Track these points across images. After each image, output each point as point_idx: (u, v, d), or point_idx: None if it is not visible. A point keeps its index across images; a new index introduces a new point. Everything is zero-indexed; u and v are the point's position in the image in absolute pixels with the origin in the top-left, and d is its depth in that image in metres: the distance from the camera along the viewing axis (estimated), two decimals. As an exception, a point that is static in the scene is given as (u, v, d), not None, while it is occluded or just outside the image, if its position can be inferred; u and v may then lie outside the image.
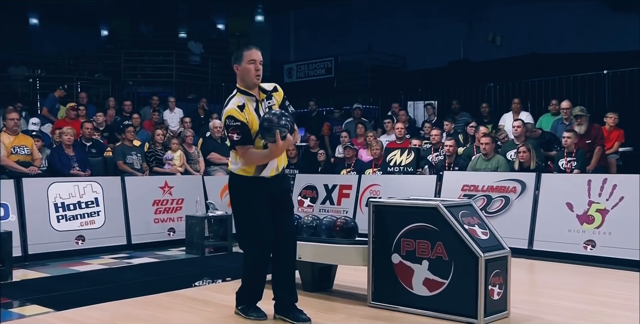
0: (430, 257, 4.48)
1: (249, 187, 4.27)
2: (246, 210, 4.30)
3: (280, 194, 4.38)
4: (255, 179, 4.25)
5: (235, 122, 4.14)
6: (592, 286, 5.94)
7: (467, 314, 4.31)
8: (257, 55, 4.25)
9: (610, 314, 4.68)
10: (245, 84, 4.27)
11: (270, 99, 4.33)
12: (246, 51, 4.27)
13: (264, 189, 4.26)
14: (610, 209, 6.94)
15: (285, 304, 4.37)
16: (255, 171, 4.24)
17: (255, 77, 4.24)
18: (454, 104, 11.51)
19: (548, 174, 7.88)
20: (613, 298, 5.27)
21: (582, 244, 7.03)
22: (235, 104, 4.20)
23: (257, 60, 4.24)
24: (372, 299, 4.79)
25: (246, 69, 4.23)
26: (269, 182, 4.27)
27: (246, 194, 4.29)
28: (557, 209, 7.28)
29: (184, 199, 8.73)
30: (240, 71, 4.27)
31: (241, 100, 4.22)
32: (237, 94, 4.28)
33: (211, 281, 5.94)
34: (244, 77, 4.26)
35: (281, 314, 4.36)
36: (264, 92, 4.33)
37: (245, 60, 4.23)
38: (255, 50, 4.27)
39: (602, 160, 8.34)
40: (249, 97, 4.25)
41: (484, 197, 7.82)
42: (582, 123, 8.53)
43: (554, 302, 5.09)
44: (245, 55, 4.23)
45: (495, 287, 4.38)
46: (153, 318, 4.56)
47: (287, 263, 4.40)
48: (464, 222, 4.47)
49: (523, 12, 13.58)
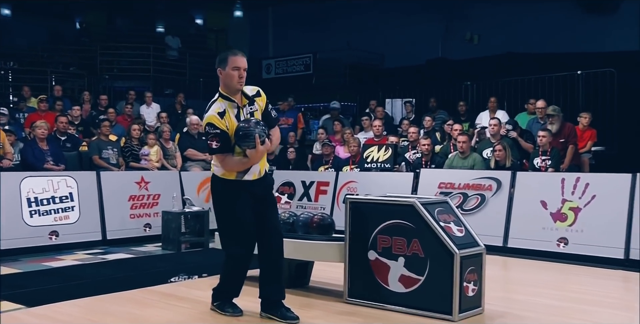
0: (406, 254, 4.50)
1: (232, 189, 4.24)
2: (228, 212, 4.27)
3: (262, 193, 4.35)
4: (237, 182, 4.23)
5: (215, 129, 4.10)
6: (565, 283, 6.00)
7: (442, 311, 4.34)
8: (242, 62, 4.18)
9: (583, 310, 4.74)
10: (228, 90, 4.22)
11: (252, 105, 4.27)
12: (231, 56, 4.19)
13: (246, 191, 4.24)
14: (583, 208, 7.04)
15: (272, 301, 4.34)
16: (237, 175, 4.22)
17: (237, 84, 4.18)
18: (432, 102, 11.56)
19: (523, 172, 7.96)
20: (585, 294, 5.35)
21: (556, 241, 7.12)
22: (216, 110, 4.14)
23: (242, 67, 4.16)
24: (348, 296, 4.79)
25: (230, 75, 4.16)
26: (252, 184, 4.26)
27: (229, 197, 4.26)
28: (531, 207, 7.36)
29: (161, 195, 8.67)
30: (223, 76, 4.21)
31: (222, 106, 4.17)
32: (219, 99, 4.22)
33: (187, 277, 5.90)
34: (227, 82, 4.20)
35: (268, 312, 4.34)
36: (246, 98, 4.26)
37: (229, 66, 4.16)
38: (241, 57, 4.20)
39: (575, 159, 8.45)
40: (231, 103, 4.20)
41: (460, 195, 7.87)
42: (554, 122, 8.63)
43: (527, 298, 5.14)
44: (230, 60, 4.16)
45: (470, 284, 4.41)
46: (127, 314, 4.52)
47: (274, 259, 4.36)
48: (440, 220, 4.49)
49: (500, 12, 13.68)
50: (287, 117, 11.82)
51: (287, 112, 11.97)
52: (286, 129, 11.10)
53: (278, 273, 4.38)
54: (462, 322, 4.31)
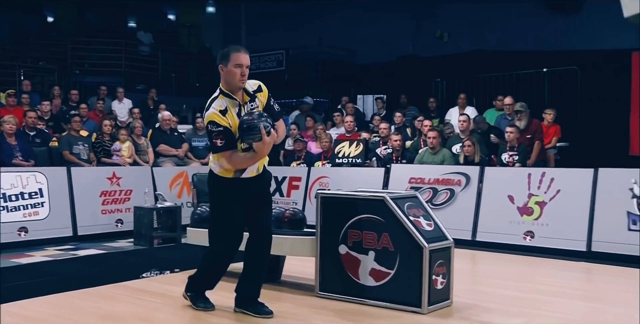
0: (377, 248, 4.52)
1: (229, 188, 4.17)
2: (222, 209, 4.21)
3: (260, 191, 4.29)
4: (235, 180, 4.15)
5: (218, 127, 3.98)
6: (531, 275, 6.09)
7: (412, 304, 4.37)
8: (245, 59, 4.04)
9: (546, 301, 4.81)
10: (229, 87, 4.08)
11: (253, 101, 4.14)
12: (234, 53, 4.04)
13: (243, 189, 4.17)
14: (548, 202, 7.15)
15: (248, 298, 4.31)
16: (235, 173, 4.13)
17: (239, 82, 4.05)
18: (402, 98, 11.62)
19: (491, 167, 8.04)
20: (550, 286, 5.42)
21: (522, 235, 7.22)
22: (217, 108, 4.02)
23: (244, 64, 4.02)
24: (319, 290, 4.81)
25: (232, 72, 4.02)
26: (250, 181, 4.19)
27: (225, 195, 4.18)
28: (499, 201, 7.45)
29: (133, 190, 8.59)
30: (225, 73, 4.07)
31: (223, 104, 4.05)
32: (220, 96, 4.09)
33: (159, 273, 5.85)
34: (229, 80, 4.06)
35: (242, 307, 4.31)
36: (248, 95, 4.14)
37: (231, 63, 4.01)
38: (244, 54, 4.05)
39: (541, 154, 8.57)
40: (232, 101, 4.07)
41: (430, 190, 7.93)
42: (522, 118, 8.74)
43: (494, 290, 5.20)
44: (233, 57, 4.02)
45: (439, 277, 4.45)
46: (98, 310, 4.47)
47: (260, 260, 4.32)
48: (410, 214, 4.52)
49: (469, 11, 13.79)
50: None
51: None
52: None
53: (261, 273, 4.35)
54: (431, 314, 4.34)
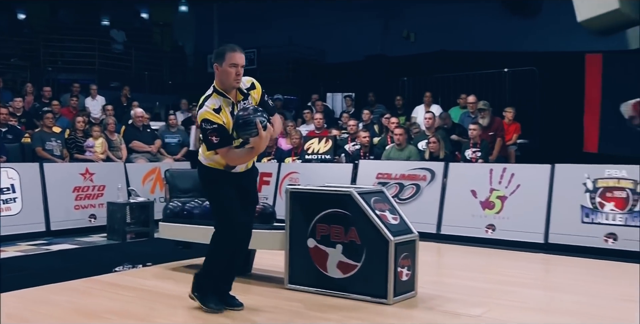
0: (344, 241, 4.54)
1: (223, 178, 4.10)
2: (222, 198, 4.10)
3: (248, 185, 4.23)
4: (225, 172, 4.09)
5: (212, 125, 3.89)
6: (492, 266, 6.17)
7: (378, 295, 4.40)
8: (241, 59, 3.96)
9: (507, 291, 4.87)
10: (223, 86, 3.99)
11: (246, 100, 4.07)
12: (229, 52, 3.94)
13: (233, 182, 4.11)
14: (509, 196, 7.25)
15: (221, 291, 4.25)
16: (226, 166, 4.07)
17: (234, 82, 3.96)
18: (370, 96, 11.66)
19: (455, 163, 8.12)
20: (510, 277, 5.51)
21: (484, 228, 7.31)
22: (211, 107, 3.93)
23: (240, 64, 3.94)
24: (288, 282, 4.81)
25: (226, 71, 3.94)
26: (240, 176, 4.13)
27: (221, 184, 4.10)
28: (462, 195, 7.53)
29: (106, 186, 8.49)
30: (219, 72, 3.97)
31: (217, 102, 3.96)
32: (214, 94, 4.00)
33: (132, 267, 5.81)
34: (223, 79, 3.97)
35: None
36: (241, 93, 4.05)
37: (227, 62, 3.92)
38: (239, 53, 3.96)
39: (502, 151, 8.68)
40: (226, 99, 3.99)
41: (397, 185, 7.97)
42: (485, 116, 8.84)
43: (457, 281, 5.27)
44: (228, 56, 3.93)
45: (404, 269, 4.49)
46: (69, 304, 4.42)
47: (238, 254, 4.26)
48: (376, 208, 4.54)
49: (434, 12, 13.87)
50: None
51: None
52: None
53: (235, 267, 4.30)
54: (397, 305, 4.38)
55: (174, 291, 4.80)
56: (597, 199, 6.74)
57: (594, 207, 6.75)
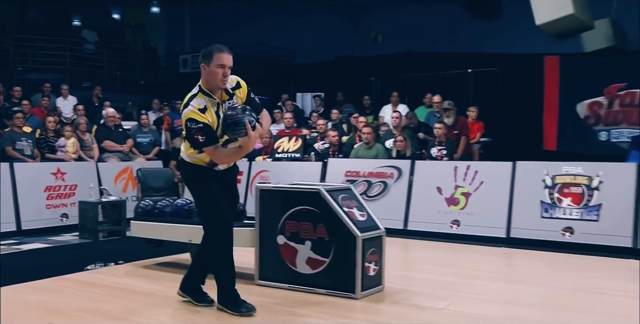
0: (313, 238, 4.54)
1: (202, 174, 4.01)
2: (207, 194, 4.01)
3: (230, 181, 4.15)
4: (207, 169, 4.01)
5: (198, 124, 3.78)
6: (457, 261, 6.23)
7: (346, 290, 4.42)
8: (228, 60, 3.85)
9: (470, 284, 4.94)
10: (209, 86, 3.89)
11: (232, 99, 3.98)
12: (217, 53, 3.84)
13: (215, 178, 4.04)
14: (473, 193, 7.33)
15: (193, 285, 4.22)
16: (209, 163, 3.99)
17: (221, 82, 3.87)
18: (339, 96, 11.68)
19: (421, 161, 8.18)
20: (473, 270, 5.58)
21: (449, 223, 7.37)
22: (196, 106, 3.82)
23: (227, 65, 3.84)
24: (259, 278, 4.80)
25: (213, 72, 3.83)
26: (222, 173, 4.06)
27: (202, 178, 4.01)
28: (428, 192, 7.58)
29: (78, 185, 8.36)
30: (206, 72, 3.87)
31: (202, 102, 3.85)
32: (200, 94, 3.89)
33: (104, 265, 5.73)
34: (210, 79, 3.87)
35: (187, 292, 4.24)
36: (227, 93, 3.96)
37: (214, 63, 3.82)
38: (227, 54, 3.85)
39: (466, 149, 8.78)
40: (211, 99, 3.89)
41: (365, 183, 8.00)
42: (450, 115, 8.93)
43: (423, 276, 5.31)
44: (216, 57, 3.83)
45: (372, 264, 4.51)
46: (40, 303, 4.35)
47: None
48: (344, 205, 4.55)
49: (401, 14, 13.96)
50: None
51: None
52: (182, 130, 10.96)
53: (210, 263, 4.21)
54: (364, 299, 4.40)
55: (146, 288, 4.77)
56: (555, 194, 6.86)
57: (552, 202, 6.86)
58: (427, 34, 13.15)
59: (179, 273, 5.27)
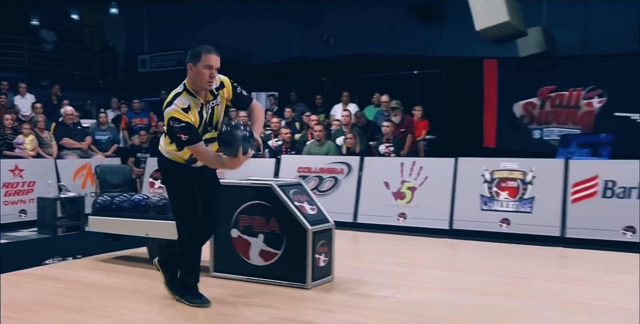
0: (265, 231, 4.54)
1: (181, 172, 3.88)
2: (181, 192, 3.89)
3: (210, 177, 4.00)
4: (185, 166, 3.89)
5: (180, 123, 3.64)
6: (402, 251, 6.29)
7: (298, 280, 4.43)
8: (216, 61, 3.71)
9: (415, 273, 5.01)
10: (195, 87, 3.74)
11: (215, 99, 3.83)
12: (205, 53, 3.70)
13: (195, 174, 3.92)
14: (418, 187, 7.42)
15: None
16: (188, 159, 3.87)
17: (207, 84, 3.72)
18: (292, 96, 11.65)
19: (370, 157, 8.23)
20: (418, 260, 5.66)
21: (396, 216, 7.45)
22: (180, 105, 3.67)
23: (215, 66, 3.70)
24: (213, 270, 4.77)
25: (200, 73, 3.68)
26: (199, 169, 3.93)
27: (177, 175, 3.88)
28: (376, 187, 7.64)
29: (36, 182, 8.14)
30: (193, 72, 3.71)
31: (186, 102, 3.70)
32: (184, 93, 3.74)
33: (62, 259, 5.59)
34: (196, 80, 3.72)
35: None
36: (211, 94, 3.82)
37: (201, 63, 3.67)
38: (215, 56, 3.71)
39: (412, 146, 8.86)
40: (195, 99, 3.74)
41: (317, 178, 8.01)
42: (397, 114, 9.01)
43: (371, 266, 5.35)
44: (203, 58, 3.68)
45: (322, 255, 4.53)
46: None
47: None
48: (295, 200, 4.56)
49: (352, 18, 14.01)
50: (141, 117, 11.49)
51: (141, 114, 11.62)
52: (141, 128, 10.90)
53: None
54: (315, 289, 4.42)
55: (103, 281, 4.69)
56: (493, 188, 7.01)
57: (491, 196, 7.01)
58: (375, 37, 13.24)
59: (136, 266, 5.22)
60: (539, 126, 10.08)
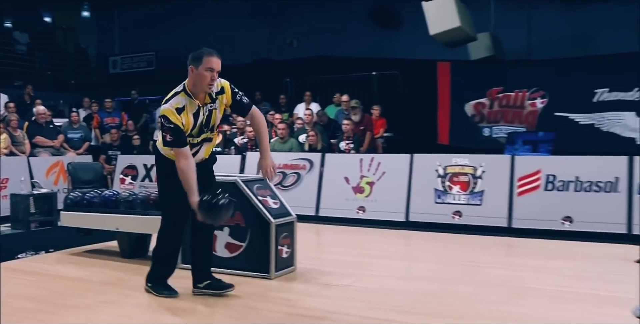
0: (230, 224, 4.50)
1: (173, 169, 3.69)
2: (170, 187, 3.76)
3: (205, 174, 3.83)
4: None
5: (169, 124, 3.54)
6: (362, 243, 6.33)
7: (262, 271, 4.41)
8: (217, 64, 3.57)
9: (373, 263, 5.04)
10: (194, 89, 3.60)
11: (213, 103, 3.68)
12: (207, 56, 3.55)
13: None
14: (376, 182, 7.46)
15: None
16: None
17: (207, 86, 3.58)
18: (257, 95, 11.59)
19: (331, 154, 8.25)
20: (376, 251, 5.71)
21: (356, 209, 7.48)
22: (174, 105, 3.55)
23: (216, 69, 3.56)
24: (182, 262, 4.68)
25: (201, 75, 3.54)
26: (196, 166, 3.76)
27: (172, 178, 3.70)
28: (337, 182, 7.66)
29: (9, 179, 7.94)
30: (194, 75, 3.56)
31: (182, 102, 3.57)
32: (182, 94, 3.60)
33: (34, 253, 5.46)
34: (197, 82, 3.57)
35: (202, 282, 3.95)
36: (209, 97, 3.67)
37: (203, 66, 3.54)
38: (217, 59, 3.57)
39: (371, 143, 8.92)
40: (192, 101, 3.60)
41: (280, 174, 7.99)
42: (357, 113, 9.04)
43: (332, 257, 5.37)
44: (205, 60, 3.54)
45: (284, 247, 4.52)
46: (-30, 291, 4.09)
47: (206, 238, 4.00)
48: (258, 194, 4.54)
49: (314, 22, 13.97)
50: (113, 116, 11.31)
51: (112, 113, 11.44)
52: (112, 126, 10.76)
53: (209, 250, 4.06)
54: (278, 279, 4.42)
55: (75, 274, 4.60)
56: (446, 183, 7.10)
57: (444, 190, 7.10)
58: (336, 41, 13.24)
59: (107, 259, 5.14)
60: (488, 125, 10.25)
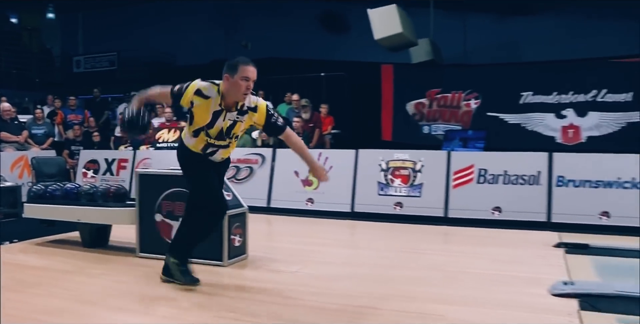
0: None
1: (197, 156, 3.66)
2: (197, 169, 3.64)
3: (218, 172, 3.78)
4: (202, 155, 3.65)
5: (180, 90, 3.49)
6: (310, 232, 6.32)
7: (215, 258, 4.38)
8: (253, 73, 3.38)
9: (320, 251, 5.05)
10: (228, 95, 3.43)
11: (241, 115, 3.50)
12: (243, 65, 3.38)
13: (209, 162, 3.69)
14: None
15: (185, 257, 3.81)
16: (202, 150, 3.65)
17: (242, 96, 3.40)
18: (215, 94, 11.45)
19: (282, 149, 8.20)
20: (323, 239, 5.73)
21: (305, 201, 7.48)
22: (204, 88, 3.42)
23: (251, 78, 3.37)
24: (139, 251, 4.64)
25: (237, 84, 3.36)
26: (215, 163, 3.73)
27: (197, 162, 3.64)
28: (287, 176, 7.63)
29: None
30: (230, 83, 3.38)
31: (213, 95, 3.42)
32: (216, 87, 3.44)
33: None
34: (232, 91, 3.40)
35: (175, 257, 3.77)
36: (236, 108, 3.48)
37: (239, 75, 3.36)
38: (252, 68, 3.39)
39: (320, 139, 8.95)
40: (220, 102, 3.45)
41: (234, 168, 7.91)
42: (307, 111, 9.06)
43: (282, 245, 5.36)
44: (241, 69, 3.36)
45: (237, 236, 4.50)
46: None
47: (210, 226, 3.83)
48: (213, 188, 4.49)
49: (266, 26, 13.90)
50: (76, 114, 11.00)
51: (76, 110, 11.13)
52: (75, 123, 10.52)
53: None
54: (231, 266, 4.39)
55: (38, 263, 4.47)
56: (389, 176, 7.19)
57: (386, 182, 7.19)
58: (288, 43, 13.22)
59: (70, 249, 5.01)
60: (428, 123, 10.44)
